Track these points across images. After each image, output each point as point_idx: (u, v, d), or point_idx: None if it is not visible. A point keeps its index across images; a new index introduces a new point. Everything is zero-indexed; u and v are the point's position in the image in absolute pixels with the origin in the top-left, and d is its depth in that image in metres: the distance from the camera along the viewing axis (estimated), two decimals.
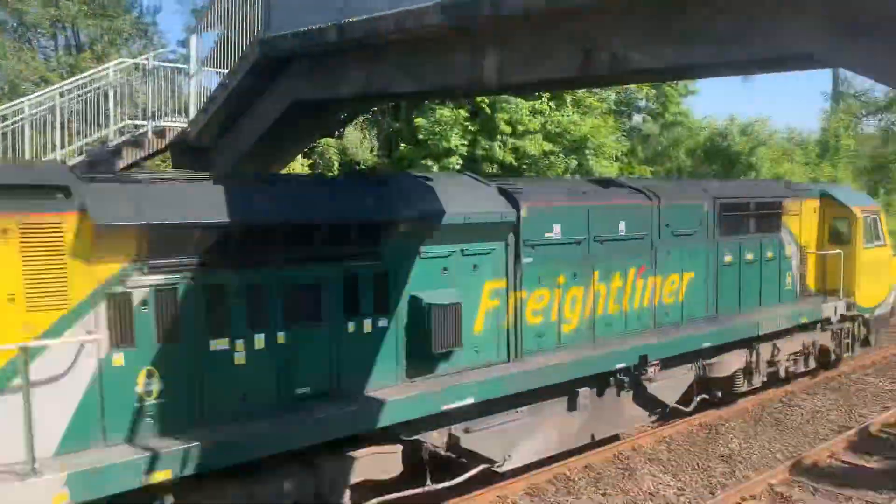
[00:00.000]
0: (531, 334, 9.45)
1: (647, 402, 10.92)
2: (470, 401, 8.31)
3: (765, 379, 13.05)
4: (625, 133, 31.64)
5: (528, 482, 9.67)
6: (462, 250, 8.67)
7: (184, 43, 19.91)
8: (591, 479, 9.97)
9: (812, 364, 14.27)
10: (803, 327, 13.56)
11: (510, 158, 22.16)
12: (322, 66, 9.57)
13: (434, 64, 8.29)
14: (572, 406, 9.75)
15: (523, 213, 9.16)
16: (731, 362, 12.09)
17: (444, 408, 8.13)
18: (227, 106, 11.03)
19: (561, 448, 9.79)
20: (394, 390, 7.96)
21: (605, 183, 11.26)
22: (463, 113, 21.08)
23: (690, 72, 9.93)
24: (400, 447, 7.93)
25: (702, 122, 36.72)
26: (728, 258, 12.30)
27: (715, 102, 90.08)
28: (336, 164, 20.91)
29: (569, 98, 24.15)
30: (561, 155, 23.29)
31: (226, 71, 11.40)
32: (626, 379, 10.20)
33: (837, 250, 14.16)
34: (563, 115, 23.19)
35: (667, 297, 11.28)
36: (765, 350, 12.74)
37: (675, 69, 7.85)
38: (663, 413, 11.38)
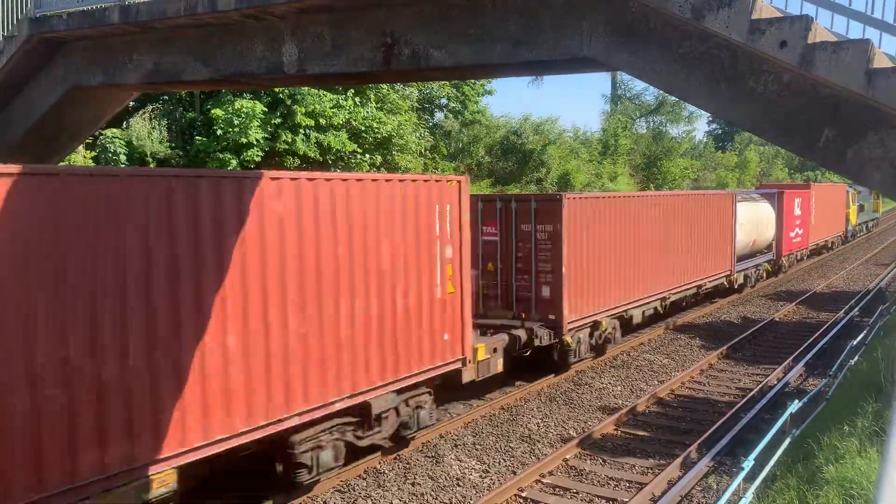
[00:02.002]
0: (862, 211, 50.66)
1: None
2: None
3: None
4: (428, 129, 32.36)
5: (339, 479, 9.61)
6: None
7: None
8: (400, 469, 10.11)
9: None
10: None
11: (314, 153, 21.83)
12: (105, 50, 8.83)
13: (230, 51, 7.93)
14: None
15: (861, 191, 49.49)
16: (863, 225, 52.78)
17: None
18: None
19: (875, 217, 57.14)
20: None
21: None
22: (261, 106, 20.38)
23: (488, 71, 10.29)
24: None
25: (498, 120, 38.50)
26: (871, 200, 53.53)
27: (520, 102, 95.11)
28: (123, 157, 19.36)
29: (372, 95, 24.27)
30: (367, 155, 23.47)
31: None
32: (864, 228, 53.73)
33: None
34: (366, 112, 23.25)
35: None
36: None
37: (472, 68, 8.08)
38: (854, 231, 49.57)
